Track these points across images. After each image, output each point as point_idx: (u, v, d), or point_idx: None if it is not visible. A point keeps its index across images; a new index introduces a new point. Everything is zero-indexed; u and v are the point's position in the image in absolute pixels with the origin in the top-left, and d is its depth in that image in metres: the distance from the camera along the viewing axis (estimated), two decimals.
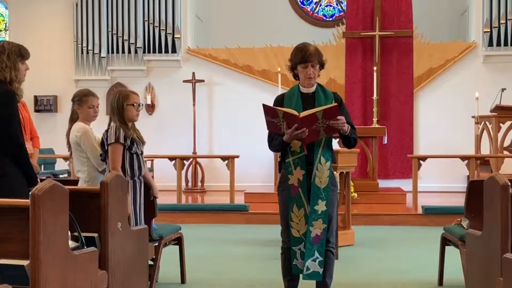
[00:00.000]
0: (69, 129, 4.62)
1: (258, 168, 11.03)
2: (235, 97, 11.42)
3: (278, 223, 4.04)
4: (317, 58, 3.84)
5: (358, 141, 4.01)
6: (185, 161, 9.56)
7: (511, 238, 3.32)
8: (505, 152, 9.30)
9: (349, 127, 3.81)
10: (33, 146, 4.86)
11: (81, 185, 4.50)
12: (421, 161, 8.52)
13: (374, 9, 10.97)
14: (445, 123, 10.94)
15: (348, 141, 3.91)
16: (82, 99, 4.60)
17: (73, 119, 4.65)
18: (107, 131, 4.40)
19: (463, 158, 8.54)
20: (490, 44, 10.93)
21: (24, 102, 4.97)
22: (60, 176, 9.82)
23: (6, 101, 3.70)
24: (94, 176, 4.48)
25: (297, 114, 3.66)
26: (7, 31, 12.38)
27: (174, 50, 11.56)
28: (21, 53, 3.85)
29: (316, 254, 3.79)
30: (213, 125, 11.60)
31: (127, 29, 11.52)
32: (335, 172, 4.13)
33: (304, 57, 3.82)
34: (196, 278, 5.18)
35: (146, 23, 11.54)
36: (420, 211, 8.27)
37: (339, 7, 13.05)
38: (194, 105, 11.32)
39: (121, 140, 4.31)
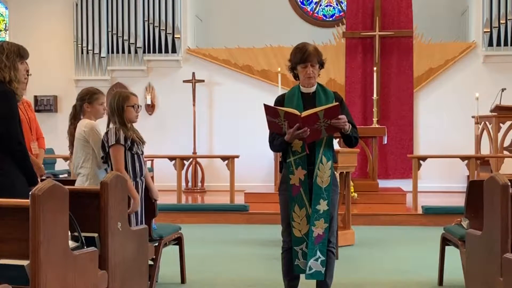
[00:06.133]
0: (74, 127, 4.61)
1: (258, 168, 11.03)
2: (235, 97, 11.41)
3: (279, 223, 4.05)
4: (316, 58, 3.84)
5: (358, 141, 4.02)
6: (185, 161, 9.56)
7: (511, 238, 3.32)
8: (505, 152, 9.30)
9: (350, 126, 3.82)
10: (39, 147, 4.85)
11: (81, 182, 4.49)
12: (421, 161, 8.52)
13: (374, 9, 10.97)
14: (445, 123, 10.94)
15: (349, 140, 3.91)
16: (93, 96, 4.61)
17: (76, 118, 4.65)
18: (107, 133, 4.41)
19: (463, 158, 8.54)
20: (490, 44, 10.93)
21: (29, 102, 4.98)
22: (60, 176, 9.81)
23: (6, 101, 3.70)
24: (96, 174, 4.48)
25: (299, 113, 3.67)
26: (7, 31, 12.38)
27: (174, 50, 11.56)
28: (20, 53, 3.85)
29: (318, 253, 3.80)
30: (213, 125, 11.60)
31: (127, 29, 11.52)
32: (335, 172, 4.13)
33: (303, 57, 3.82)
34: (196, 278, 5.19)
35: (146, 23, 11.53)
36: (420, 211, 8.27)
37: (339, 7, 13.05)
38: (194, 105, 11.32)
39: (122, 141, 4.32)
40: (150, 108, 11.65)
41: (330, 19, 13.02)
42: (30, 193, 2.84)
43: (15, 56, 3.81)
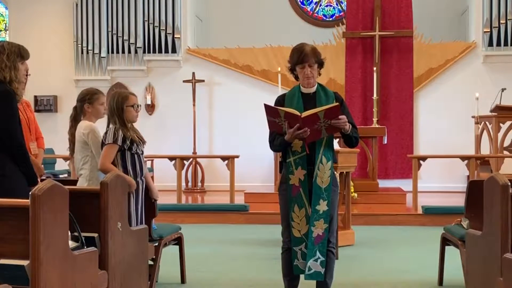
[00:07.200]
0: (74, 128, 4.62)
1: (258, 168, 11.03)
2: (235, 97, 11.41)
3: (278, 223, 4.04)
4: (314, 58, 3.83)
5: (359, 141, 4.01)
6: (185, 161, 9.55)
7: (511, 238, 3.32)
8: (505, 152, 9.30)
9: (351, 126, 3.81)
10: (38, 147, 4.85)
11: (82, 183, 4.50)
12: (421, 161, 8.51)
13: (374, 9, 10.97)
14: (445, 123, 10.94)
15: (349, 140, 3.90)
16: (94, 97, 4.61)
17: (76, 120, 4.65)
18: (106, 133, 4.41)
19: (463, 158, 8.54)
20: (490, 44, 10.93)
21: (29, 103, 4.98)
22: (60, 176, 9.81)
23: (6, 101, 3.70)
24: (96, 176, 4.48)
25: (299, 113, 3.67)
26: (7, 31, 12.38)
27: (174, 50, 11.56)
28: (20, 53, 3.85)
29: (318, 254, 3.79)
30: (213, 125, 11.60)
31: (127, 29, 11.52)
32: (335, 172, 4.13)
33: (300, 57, 3.82)
34: (196, 278, 5.19)
35: (146, 23, 11.54)
36: (420, 211, 8.27)
37: (339, 7, 13.06)
38: (194, 105, 11.32)
39: (119, 142, 4.32)
40: (150, 108, 11.65)
41: (330, 19, 13.03)
42: (30, 193, 2.84)
43: (16, 56, 3.81)
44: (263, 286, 4.96)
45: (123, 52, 11.61)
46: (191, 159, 10.62)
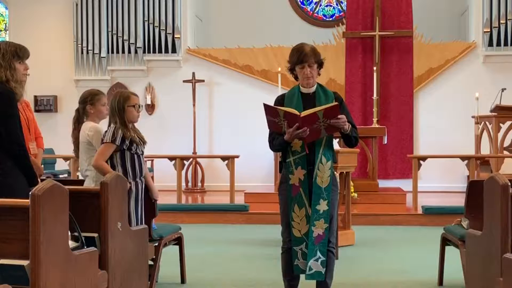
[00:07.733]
0: (77, 130, 4.63)
1: (258, 168, 11.03)
2: (235, 97, 11.41)
3: (278, 223, 4.05)
4: (313, 58, 3.83)
5: (358, 140, 4.01)
6: (185, 161, 9.56)
7: (511, 238, 3.32)
8: (505, 152, 9.30)
9: (350, 126, 3.82)
10: (37, 147, 4.86)
11: (88, 184, 4.50)
12: (421, 161, 8.52)
13: (374, 9, 10.97)
14: (445, 123, 10.94)
15: (349, 140, 3.91)
16: (95, 97, 4.63)
17: (79, 122, 4.66)
18: (106, 131, 4.41)
19: (463, 158, 8.54)
20: (490, 44, 10.93)
21: (28, 103, 4.98)
22: (60, 176, 9.81)
23: (6, 101, 3.70)
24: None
25: (298, 113, 3.67)
26: (7, 31, 12.39)
27: (174, 50, 11.56)
28: (17, 53, 3.84)
29: (318, 254, 3.80)
30: (213, 125, 11.60)
31: (127, 29, 11.52)
32: (335, 172, 4.13)
33: (299, 57, 3.82)
34: (196, 278, 5.19)
35: (146, 23, 11.54)
36: (420, 211, 8.27)
37: (339, 7, 13.06)
38: (194, 105, 11.32)
39: (117, 142, 4.32)
40: (150, 108, 11.65)
41: (330, 19, 13.03)
42: (30, 193, 2.84)
43: (11, 56, 3.80)
44: (263, 286, 4.96)
45: (123, 52, 11.61)
46: (191, 159, 10.63)
